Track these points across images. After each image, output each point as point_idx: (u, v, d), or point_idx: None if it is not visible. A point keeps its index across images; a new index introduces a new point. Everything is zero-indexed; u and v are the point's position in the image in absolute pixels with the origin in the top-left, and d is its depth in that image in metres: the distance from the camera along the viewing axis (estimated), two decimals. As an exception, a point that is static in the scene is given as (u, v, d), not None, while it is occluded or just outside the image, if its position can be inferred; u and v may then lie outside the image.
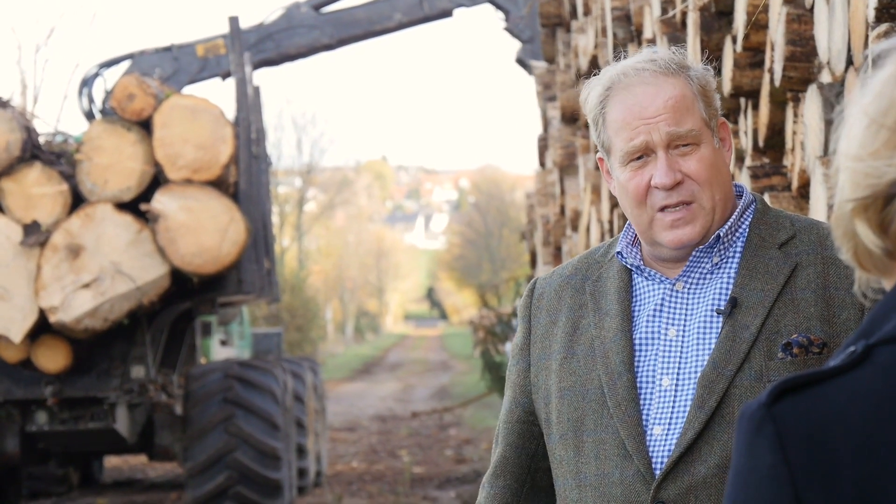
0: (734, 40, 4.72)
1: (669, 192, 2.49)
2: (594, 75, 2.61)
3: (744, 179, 4.53)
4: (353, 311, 65.89)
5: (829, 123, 3.73)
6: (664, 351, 2.51)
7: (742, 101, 4.90)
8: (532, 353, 2.66)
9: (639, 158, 2.51)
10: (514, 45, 13.56)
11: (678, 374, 2.49)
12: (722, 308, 2.49)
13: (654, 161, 2.50)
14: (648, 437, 2.48)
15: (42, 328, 11.48)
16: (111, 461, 18.14)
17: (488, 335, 22.53)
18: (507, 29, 13.47)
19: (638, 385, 2.51)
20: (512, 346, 2.75)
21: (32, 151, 11.53)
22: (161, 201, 11.32)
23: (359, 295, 68.51)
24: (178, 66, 13.02)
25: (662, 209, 2.50)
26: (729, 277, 2.52)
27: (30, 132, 11.62)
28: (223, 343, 15.92)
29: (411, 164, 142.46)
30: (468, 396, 26.07)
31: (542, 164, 10.74)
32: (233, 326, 16.51)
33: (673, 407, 2.48)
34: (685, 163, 2.50)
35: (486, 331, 22.83)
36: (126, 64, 13.04)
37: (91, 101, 12.85)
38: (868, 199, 1.34)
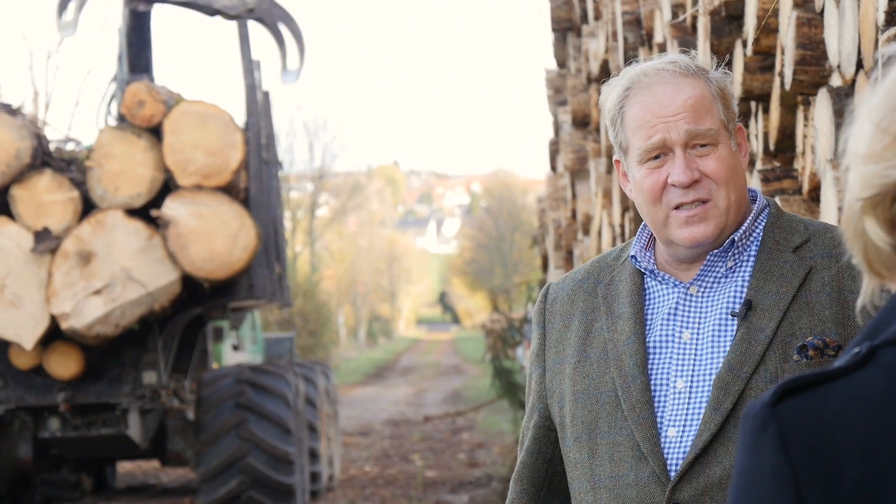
0: (744, 44, 4.71)
1: (686, 190, 2.50)
2: (605, 80, 2.61)
3: (754, 183, 4.52)
4: (366, 316, 65.90)
5: (839, 127, 3.72)
6: (678, 354, 2.52)
7: (752, 104, 4.89)
8: (547, 359, 2.67)
9: (656, 158, 2.51)
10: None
11: (692, 376, 2.50)
12: (737, 311, 2.49)
13: (671, 160, 2.50)
14: (663, 439, 2.48)
15: (54, 335, 11.49)
16: (124, 466, 18.15)
17: (499, 340, 22.49)
18: None
19: (652, 387, 2.51)
20: (529, 353, 2.76)
21: (43, 158, 11.53)
22: (171, 207, 11.32)
23: (371, 299, 68.52)
24: (123, 35, 12.70)
25: (678, 207, 2.50)
26: (743, 281, 2.52)
27: (40, 139, 11.63)
28: (235, 348, 15.91)
29: (423, 168, 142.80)
30: (481, 400, 26.05)
31: (554, 168, 10.73)
32: (245, 331, 16.49)
33: (687, 409, 2.48)
34: (703, 162, 2.50)
35: (497, 336, 22.79)
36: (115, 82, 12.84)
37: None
38: (877, 197, 1.35)
